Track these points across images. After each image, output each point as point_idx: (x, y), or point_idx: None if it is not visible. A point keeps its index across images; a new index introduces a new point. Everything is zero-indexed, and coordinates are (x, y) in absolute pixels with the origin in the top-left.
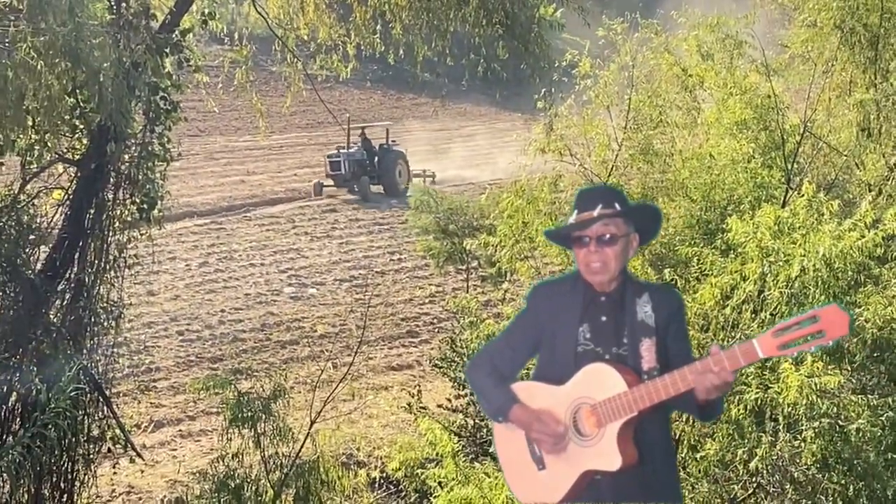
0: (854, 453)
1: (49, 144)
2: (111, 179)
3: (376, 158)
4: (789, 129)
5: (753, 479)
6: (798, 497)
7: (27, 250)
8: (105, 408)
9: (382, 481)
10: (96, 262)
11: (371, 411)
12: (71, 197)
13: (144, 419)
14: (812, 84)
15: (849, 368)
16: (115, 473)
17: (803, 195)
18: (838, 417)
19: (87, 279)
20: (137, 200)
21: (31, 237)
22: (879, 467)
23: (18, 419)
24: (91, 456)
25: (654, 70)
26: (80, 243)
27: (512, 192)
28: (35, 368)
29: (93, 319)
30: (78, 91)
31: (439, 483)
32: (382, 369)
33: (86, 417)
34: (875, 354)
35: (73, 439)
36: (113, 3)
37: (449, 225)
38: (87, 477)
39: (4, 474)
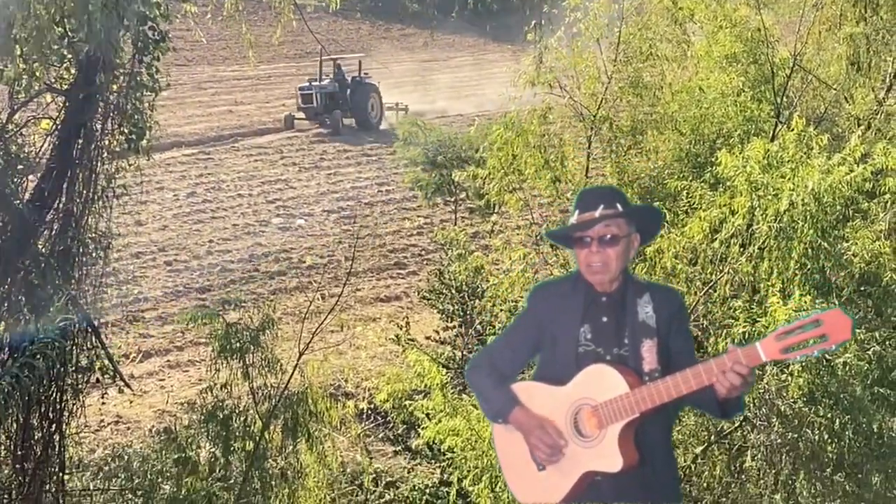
0: (840, 387)
1: (37, 74)
2: (99, 109)
3: (348, 91)
4: (779, 62)
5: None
6: (784, 430)
7: (15, 180)
8: (93, 338)
9: (370, 412)
10: (84, 192)
11: (359, 343)
12: (59, 127)
13: (133, 349)
14: (802, 17)
15: (836, 302)
16: (103, 403)
17: (793, 129)
18: (825, 351)
19: (75, 209)
20: (126, 131)
21: (20, 167)
22: (865, 401)
23: (7, 349)
24: (79, 386)
25: (644, 3)
26: (69, 173)
27: (501, 124)
28: (23, 299)
29: (81, 250)
30: (66, 20)
31: (427, 414)
32: (370, 301)
33: (74, 348)
34: (862, 288)
35: (62, 369)
36: None
37: (437, 157)
38: (75, 407)
39: None
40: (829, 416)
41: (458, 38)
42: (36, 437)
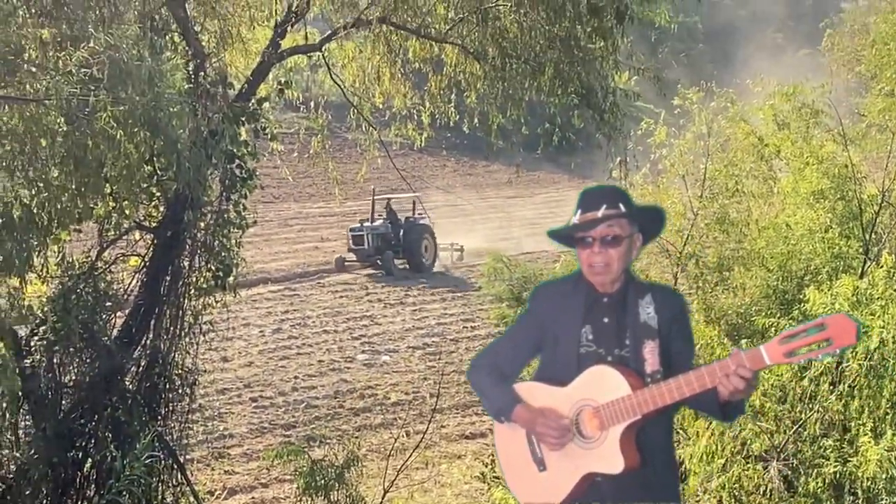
0: None
1: (127, 212)
2: (187, 247)
3: (401, 232)
4: (867, 198)
5: None
6: None
7: (104, 317)
8: (179, 475)
9: None
10: (172, 328)
11: (444, 480)
12: (147, 264)
13: (218, 486)
14: (890, 153)
15: None
16: None
17: (882, 266)
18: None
19: (162, 346)
20: (213, 268)
21: (108, 304)
22: None
23: (93, 486)
24: None
25: (729, 139)
26: (156, 310)
27: None
28: (110, 435)
29: (168, 386)
30: (156, 159)
31: None
32: (456, 437)
33: (160, 485)
34: None
35: None
36: (191, 73)
37: (523, 293)
38: None
39: None
40: None
41: (543, 174)
42: None
